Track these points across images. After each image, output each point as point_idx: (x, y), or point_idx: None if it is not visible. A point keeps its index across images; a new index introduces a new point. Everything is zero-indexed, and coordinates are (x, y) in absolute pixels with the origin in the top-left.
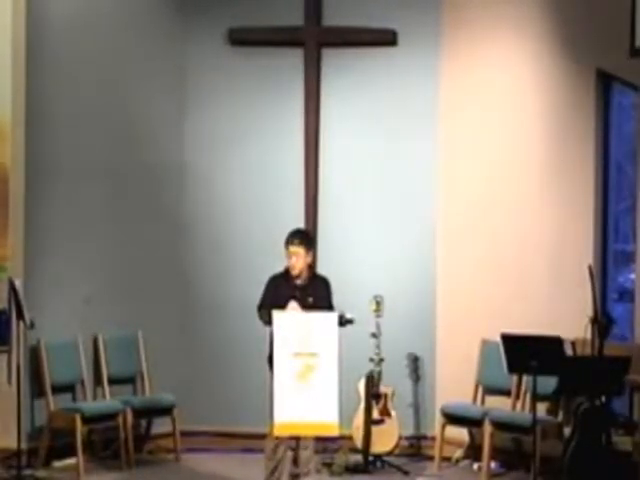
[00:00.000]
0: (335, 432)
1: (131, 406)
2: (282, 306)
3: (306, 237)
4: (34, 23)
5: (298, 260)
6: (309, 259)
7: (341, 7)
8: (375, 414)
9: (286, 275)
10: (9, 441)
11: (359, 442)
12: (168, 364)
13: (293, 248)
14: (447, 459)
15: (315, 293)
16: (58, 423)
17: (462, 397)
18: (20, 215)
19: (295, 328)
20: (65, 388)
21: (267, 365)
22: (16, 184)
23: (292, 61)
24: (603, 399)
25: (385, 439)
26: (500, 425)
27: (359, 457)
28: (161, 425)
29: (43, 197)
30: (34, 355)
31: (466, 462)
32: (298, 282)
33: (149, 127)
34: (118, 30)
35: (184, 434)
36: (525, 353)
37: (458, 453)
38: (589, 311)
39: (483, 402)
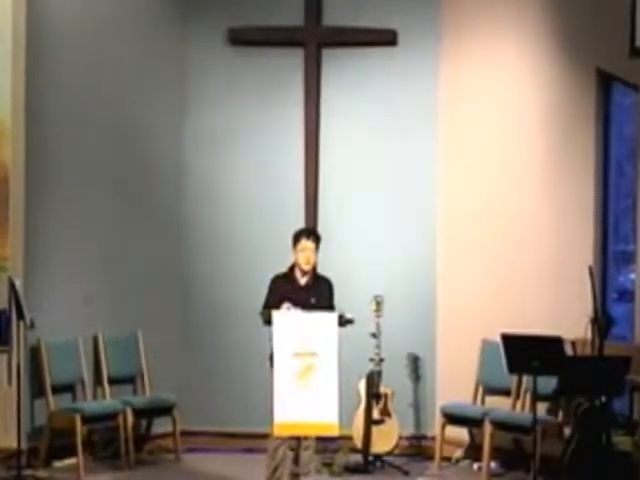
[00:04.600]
0: (335, 432)
1: (131, 406)
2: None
3: (317, 235)
4: (34, 23)
5: (311, 255)
6: (316, 257)
7: (341, 7)
8: (375, 414)
9: (290, 275)
10: (9, 441)
11: (359, 442)
12: (168, 364)
13: (308, 243)
14: (447, 459)
15: (318, 293)
16: (58, 423)
17: (462, 397)
18: (20, 215)
19: (295, 328)
20: (65, 388)
21: (268, 364)
22: (16, 184)
23: (292, 61)
24: (603, 399)
25: (385, 439)
26: (500, 425)
27: (359, 457)
28: (161, 425)
29: (43, 197)
30: (34, 355)
31: (466, 462)
32: (301, 282)
33: (149, 126)
34: (118, 30)
35: (184, 434)
36: (525, 353)
37: (458, 453)
38: (589, 311)
39: (483, 402)
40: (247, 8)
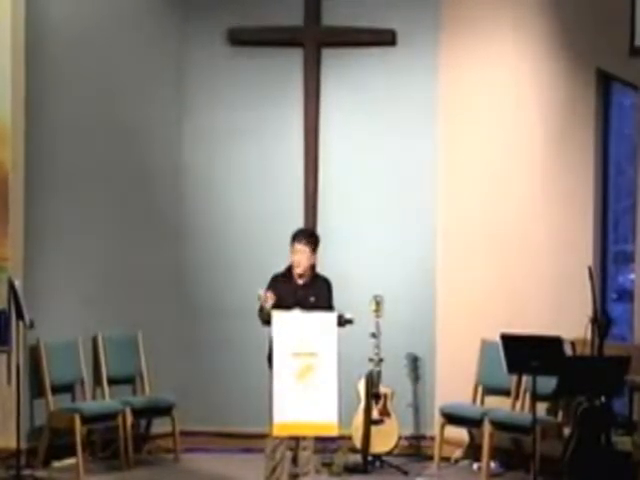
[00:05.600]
0: (334, 432)
1: (131, 406)
2: (284, 306)
3: (314, 238)
4: (33, 24)
5: (302, 258)
6: (313, 260)
7: (341, 7)
8: (375, 414)
9: (288, 274)
10: (9, 441)
11: (358, 442)
12: (168, 364)
13: (300, 246)
14: (447, 459)
15: (316, 293)
16: (58, 423)
17: (462, 397)
18: (20, 215)
19: (294, 328)
20: (65, 388)
21: (267, 364)
22: (16, 184)
23: (292, 61)
24: (603, 399)
25: (385, 439)
26: (500, 425)
27: (358, 457)
28: (161, 425)
29: (43, 197)
30: (34, 355)
31: (466, 462)
32: (300, 282)
33: (148, 127)
34: (117, 30)
35: (183, 434)
36: (525, 353)
37: (457, 453)
38: (589, 311)
39: (483, 402)
40: (247, 8)
